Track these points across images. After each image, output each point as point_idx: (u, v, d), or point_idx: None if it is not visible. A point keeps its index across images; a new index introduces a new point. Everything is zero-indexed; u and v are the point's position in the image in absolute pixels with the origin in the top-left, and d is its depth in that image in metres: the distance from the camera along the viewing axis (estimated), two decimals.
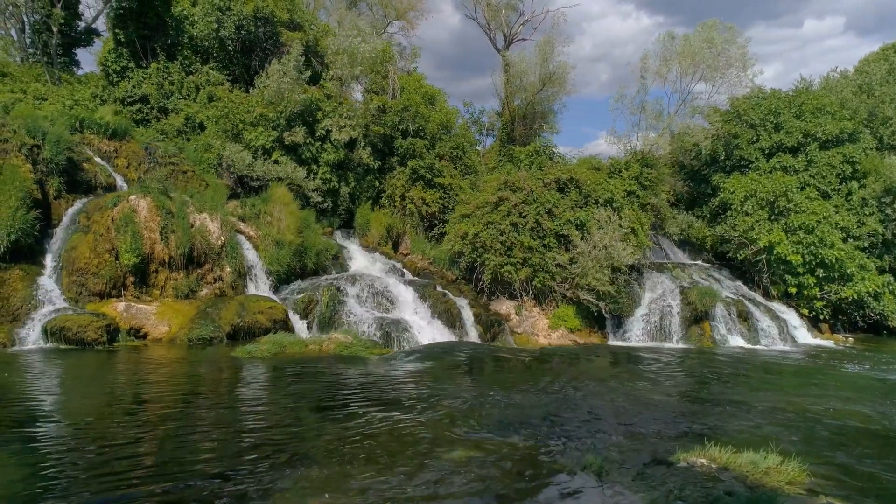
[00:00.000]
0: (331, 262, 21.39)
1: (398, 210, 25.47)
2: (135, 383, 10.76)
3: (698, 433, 8.80)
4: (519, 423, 8.77)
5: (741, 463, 6.83)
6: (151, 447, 7.19)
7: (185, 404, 9.37)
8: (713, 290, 22.40)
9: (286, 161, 23.37)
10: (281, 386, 10.94)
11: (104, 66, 27.21)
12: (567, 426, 8.77)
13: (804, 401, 11.72)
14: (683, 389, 13.27)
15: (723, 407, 10.91)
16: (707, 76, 24.19)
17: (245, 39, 27.86)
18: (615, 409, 10.46)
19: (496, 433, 8.13)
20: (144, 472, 6.30)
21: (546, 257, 21.22)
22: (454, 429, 8.26)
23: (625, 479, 6.43)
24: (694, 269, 25.21)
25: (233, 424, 8.26)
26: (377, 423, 8.45)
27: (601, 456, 6.94)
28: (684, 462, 6.96)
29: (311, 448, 7.28)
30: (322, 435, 7.82)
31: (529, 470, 6.69)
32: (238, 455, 6.95)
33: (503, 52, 29.69)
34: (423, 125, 27.24)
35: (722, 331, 21.95)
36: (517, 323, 21.32)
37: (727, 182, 25.83)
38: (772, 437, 8.88)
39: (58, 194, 16.37)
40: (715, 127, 27.47)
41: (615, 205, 22.31)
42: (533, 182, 22.37)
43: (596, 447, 7.60)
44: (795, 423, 9.78)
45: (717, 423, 9.59)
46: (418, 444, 7.49)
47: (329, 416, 8.75)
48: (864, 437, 9.05)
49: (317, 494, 5.89)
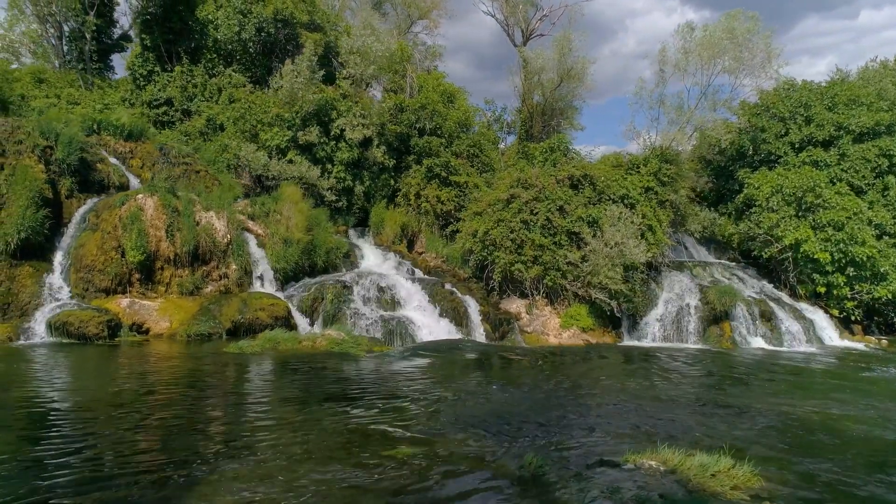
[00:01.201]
0: (341, 261, 21.49)
1: (413, 208, 25.44)
2: (108, 376, 11.00)
3: (675, 435, 8.45)
4: (485, 421, 8.57)
5: (691, 466, 6.50)
6: (91, 438, 7.25)
7: (149, 395, 9.50)
8: (733, 290, 21.61)
9: (301, 160, 23.62)
10: (254, 381, 11.00)
11: (132, 71, 28.09)
12: (536, 425, 8.52)
13: (809, 405, 11.12)
14: (683, 390, 12.79)
15: (717, 409, 10.46)
16: (730, 68, 23.34)
17: (265, 41, 28.32)
18: (599, 409, 10.16)
19: (454, 431, 7.96)
20: (76, 460, 6.37)
21: (557, 255, 20.84)
22: (412, 426, 8.12)
23: (559, 479, 6.19)
24: (716, 267, 24.40)
25: (189, 416, 8.32)
26: (334, 418, 8.39)
27: (542, 456, 6.70)
28: (632, 464, 6.67)
29: (256, 441, 7.26)
30: (274, 429, 7.79)
31: (464, 468, 6.51)
32: (180, 445, 6.98)
33: (521, 48, 29.37)
34: (441, 123, 27.15)
35: (742, 331, 21.17)
36: (527, 322, 21.00)
37: (752, 177, 24.89)
38: (756, 441, 8.48)
39: (69, 194, 16.91)
40: (741, 120, 26.57)
41: (629, 201, 21.75)
42: (545, 179, 22.01)
43: (546, 447, 7.36)
44: (789, 427, 9.27)
45: (704, 425, 9.19)
46: (365, 441, 7.39)
47: (289, 411, 8.72)
48: (854, 445, 8.53)
49: (241, 485, 5.86)
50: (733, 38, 22.71)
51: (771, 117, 26.76)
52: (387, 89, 28.90)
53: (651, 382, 13.28)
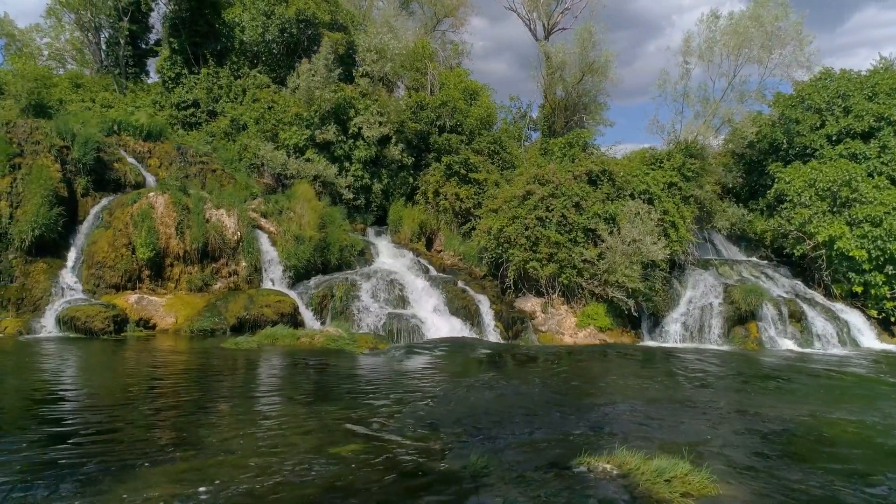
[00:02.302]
0: (356, 259, 21.45)
1: (432, 206, 25.27)
2: (89, 368, 11.19)
3: (652, 438, 8.03)
4: (457, 420, 8.27)
5: (646, 470, 6.10)
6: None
7: (114, 387, 9.58)
8: (760, 289, 20.68)
9: (318, 159, 23.74)
10: (232, 375, 10.89)
11: (160, 73, 28.80)
12: (511, 425, 8.18)
13: (824, 410, 10.37)
14: (692, 393, 12.13)
15: (727, 413, 9.84)
16: (758, 57, 22.34)
17: (288, 42, 28.63)
18: (594, 409, 9.71)
19: (418, 430, 7.70)
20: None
21: (573, 253, 20.31)
22: (376, 424, 7.91)
23: (498, 482, 5.89)
24: (745, 265, 23.42)
25: (141, 408, 8.33)
26: (298, 413, 8.25)
27: (488, 457, 6.40)
28: (584, 466, 6.32)
29: (210, 435, 7.17)
30: (233, 423, 7.71)
31: (405, 467, 6.26)
32: (116, 437, 6.96)
33: (542, 42, 28.83)
34: (462, 120, 26.92)
35: (770, 332, 20.24)
36: (542, 321, 20.55)
37: (784, 172, 23.79)
38: (746, 447, 7.99)
39: (85, 192, 17.36)
40: (774, 112, 25.47)
41: (647, 196, 21.04)
42: (562, 175, 21.51)
43: (504, 448, 7.04)
44: (790, 434, 8.65)
45: (690, 429, 8.69)
46: (319, 437, 7.21)
47: (254, 405, 8.64)
48: (849, 455, 7.93)
49: (181, 480, 5.76)
50: (761, 25, 21.72)
51: (806, 109, 25.55)
52: (409, 87, 28.82)
53: (661, 384, 12.72)
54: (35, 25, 37.46)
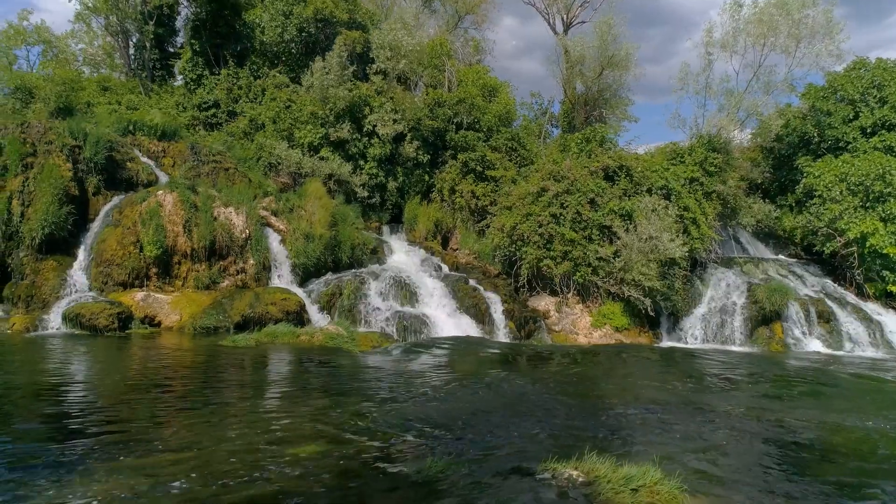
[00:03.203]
0: (368, 257, 21.28)
1: (448, 204, 24.98)
2: (74, 364, 11.20)
3: (652, 443, 7.61)
4: (430, 421, 7.93)
5: (614, 478, 5.69)
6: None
7: (88, 383, 9.54)
8: (785, 288, 19.80)
9: (333, 157, 23.68)
10: (216, 373, 10.68)
11: (183, 75, 29.19)
12: (488, 427, 7.84)
13: (844, 419, 9.71)
14: (698, 395, 11.54)
15: (725, 418, 9.27)
16: (784, 47, 21.38)
17: (307, 41, 28.70)
18: (583, 412, 9.32)
19: (386, 432, 7.39)
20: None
21: (588, 250, 19.77)
22: (345, 424, 7.63)
23: (452, 486, 5.55)
24: (771, 264, 22.49)
25: (106, 403, 8.24)
26: (267, 411, 8.04)
27: (447, 461, 6.06)
28: (548, 473, 5.93)
29: (167, 433, 7.00)
30: (197, 420, 7.52)
31: (358, 471, 5.97)
32: (59, 431, 6.86)
33: (561, 36, 28.24)
34: (479, 117, 26.57)
35: (796, 333, 19.39)
36: (556, 320, 20.05)
37: (813, 166, 22.76)
38: (741, 454, 7.50)
39: (97, 191, 17.55)
40: (804, 104, 24.44)
41: (665, 192, 20.35)
42: (578, 170, 20.97)
43: (470, 451, 6.69)
44: (798, 443, 8.09)
45: (696, 434, 8.19)
46: (282, 436, 6.98)
47: (226, 403, 8.45)
48: (845, 467, 7.36)
49: (119, 478, 5.59)
50: (787, 13, 20.79)
51: (839, 100, 24.43)
52: (427, 85, 28.59)
53: (675, 386, 12.14)
54: (70, 32, 38.47)
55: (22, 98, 29.45)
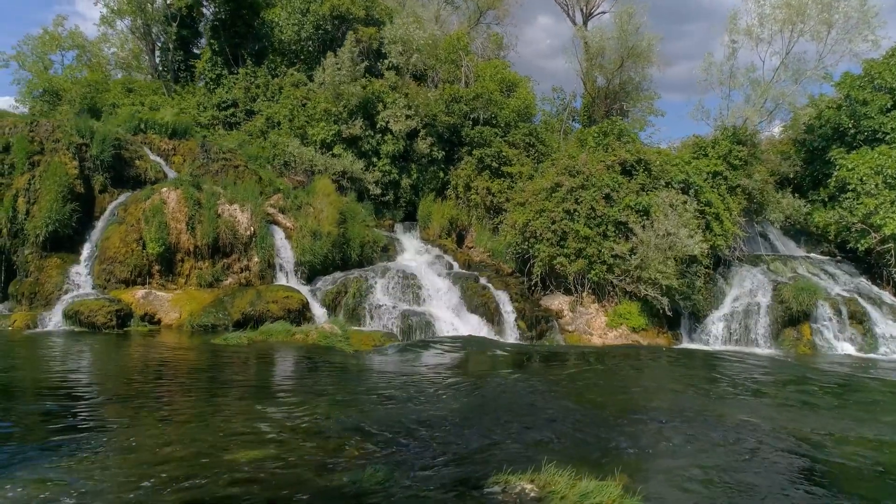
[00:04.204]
0: (378, 255, 20.91)
1: (463, 202, 24.46)
2: (50, 361, 11.03)
3: (630, 457, 7.00)
4: (394, 426, 7.39)
5: (570, 494, 5.13)
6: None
7: (52, 379, 9.35)
8: (814, 287, 18.69)
9: (345, 154, 23.39)
10: (191, 371, 10.39)
11: (202, 75, 29.34)
12: (450, 433, 7.29)
13: (870, 432, 8.84)
14: (712, 402, 10.72)
15: (736, 429, 8.48)
16: (814, 32, 20.21)
17: (323, 38, 28.51)
18: (567, 417, 8.69)
19: (340, 434, 6.92)
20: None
21: (602, 247, 19.01)
22: (302, 427, 7.18)
23: (387, 498, 5.06)
24: (801, 262, 21.31)
25: (53, 400, 8.00)
26: (221, 412, 7.65)
27: (388, 470, 5.57)
28: (499, 486, 5.40)
29: (110, 433, 6.65)
30: (147, 420, 7.19)
31: (299, 477, 5.52)
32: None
33: (580, 27, 27.41)
34: (497, 112, 25.97)
35: (826, 335, 18.29)
36: (570, 320, 19.34)
37: (847, 158, 21.50)
38: (736, 471, 6.83)
39: (103, 188, 17.57)
40: (839, 94, 23.17)
41: (683, 186, 19.43)
42: (594, 165, 20.20)
43: (421, 460, 6.18)
44: (807, 461, 7.36)
45: (696, 448, 7.54)
46: (228, 439, 6.59)
47: (185, 403, 8.10)
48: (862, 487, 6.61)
49: (40, 483, 5.27)
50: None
51: (876, 89, 23.06)
52: (444, 80, 28.11)
53: (686, 391, 11.45)
54: (102, 36, 39.17)
55: (50, 100, 30.04)
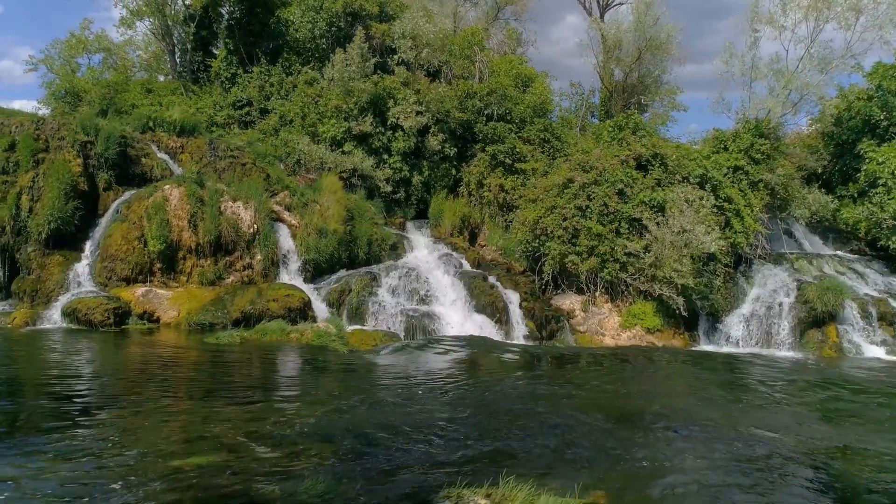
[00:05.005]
0: (387, 253, 20.53)
1: (475, 199, 23.97)
2: (30, 358, 10.90)
3: (600, 463, 6.47)
4: (355, 432, 6.93)
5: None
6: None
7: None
8: (841, 286, 17.73)
9: (356, 151, 23.10)
10: (163, 371, 10.11)
11: (218, 74, 29.40)
12: (415, 441, 6.81)
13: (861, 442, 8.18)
14: (716, 411, 10.05)
15: (744, 443, 7.85)
16: (841, 18, 19.19)
17: (336, 36, 28.29)
18: (559, 425, 8.15)
19: (295, 440, 6.50)
20: None
21: (616, 245, 18.33)
22: (254, 431, 6.77)
23: None
24: (828, 260, 20.29)
25: (22, 400, 7.75)
26: (179, 415, 7.33)
27: (327, 482, 5.14)
28: (450, 501, 4.93)
29: (57, 437, 6.31)
30: (95, 425, 6.87)
31: (231, 488, 5.13)
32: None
33: (595, 19, 26.66)
34: (511, 108, 25.41)
35: (853, 337, 17.34)
36: (581, 320, 18.71)
37: (877, 151, 20.41)
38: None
39: (107, 186, 17.54)
40: (871, 83, 22.06)
41: (699, 181, 18.62)
42: (608, 160, 19.52)
43: (362, 470, 5.73)
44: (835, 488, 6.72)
45: (702, 463, 6.99)
46: (177, 444, 6.24)
47: (142, 403, 7.77)
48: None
49: None
50: None
51: None
52: (458, 76, 27.65)
53: (699, 396, 10.84)
54: (128, 39, 39.66)
55: (71, 102, 30.41)
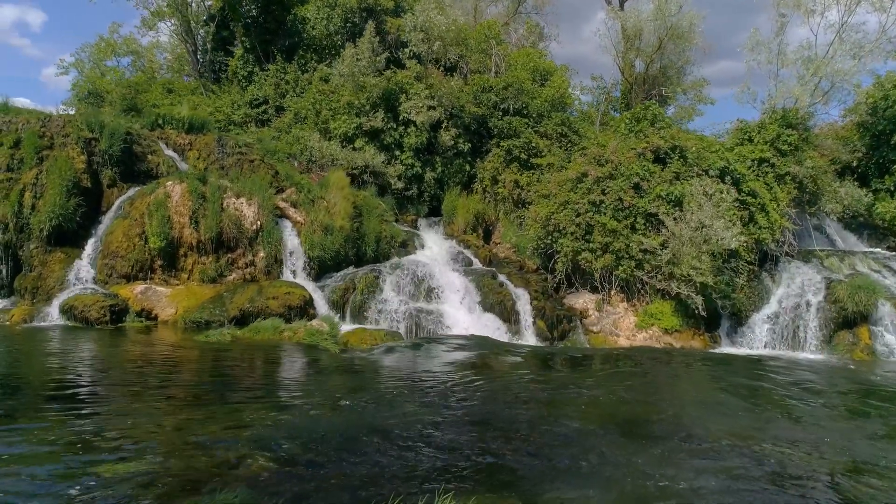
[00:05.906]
0: (396, 250, 20.05)
1: (490, 195, 23.34)
2: (23, 354, 10.64)
3: (575, 479, 5.85)
4: (308, 441, 6.40)
5: None
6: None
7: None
8: (874, 284, 16.62)
9: (367, 147, 22.70)
10: (137, 370, 9.75)
11: (234, 73, 29.38)
12: (369, 452, 6.26)
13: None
14: (732, 422, 9.25)
15: (767, 465, 7.14)
16: (875, 1, 18.02)
17: (352, 32, 27.97)
18: (547, 434, 7.54)
19: (240, 448, 6.02)
20: None
21: (631, 241, 17.52)
22: (197, 436, 6.29)
23: None
24: (861, 257, 19.09)
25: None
26: (127, 417, 6.90)
27: (244, 495, 4.63)
28: None
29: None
30: (39, 424, 6.49)
31: (141, 497, 4.67)
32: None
33: (613, 9, 25.75)
34: (528, 102, 24.73)
35: (887, 339, 16.23)
36: (595, 320, 17.93)
37: None
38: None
39: (112, 183, 17.42)
40: None
41: (719, 173, 17.68)
42: (624, 153, 18.70)
43: (288, 483, 5.20)
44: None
45: (714, 485, 6.33)
46: (111, 448, 5.79)
47: (94, 404, 7.39)
48: None
49: None
50: None
51: None
52: (474, 70, 27.07)
53: (714, 405, 10.03)
54: (155, 42, 40.19)
55: (94, 102, 30.75)
